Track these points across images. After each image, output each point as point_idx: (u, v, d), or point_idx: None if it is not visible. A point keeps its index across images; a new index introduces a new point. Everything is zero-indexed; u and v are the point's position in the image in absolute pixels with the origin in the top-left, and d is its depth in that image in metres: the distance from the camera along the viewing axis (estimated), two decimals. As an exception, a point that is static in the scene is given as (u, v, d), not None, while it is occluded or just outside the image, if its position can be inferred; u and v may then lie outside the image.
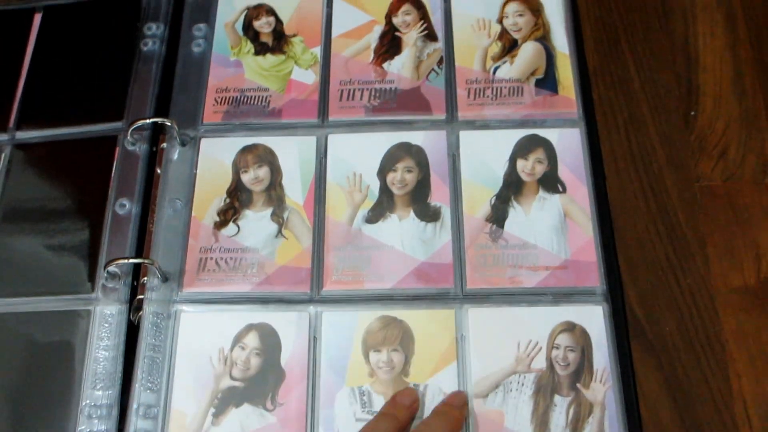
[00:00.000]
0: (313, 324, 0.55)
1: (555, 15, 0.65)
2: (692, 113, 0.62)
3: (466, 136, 0.60)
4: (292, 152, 0.60)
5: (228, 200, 0.59)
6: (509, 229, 0.57)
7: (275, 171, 0.60)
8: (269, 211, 0.58)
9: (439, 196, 0.58)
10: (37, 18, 0.68)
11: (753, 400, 0.52)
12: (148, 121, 0.61)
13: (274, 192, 0.59)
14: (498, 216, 0.57)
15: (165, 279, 0.56)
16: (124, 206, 0.59)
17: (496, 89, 0.62)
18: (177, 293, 0.56)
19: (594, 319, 0.53)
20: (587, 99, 0.62)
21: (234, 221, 0.58)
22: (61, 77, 0.66)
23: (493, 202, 0.58)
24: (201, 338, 0.55)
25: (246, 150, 0.61)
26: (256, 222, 0.58)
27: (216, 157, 0.60)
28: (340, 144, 0.61)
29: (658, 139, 0.61)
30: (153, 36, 0.67)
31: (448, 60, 0.63)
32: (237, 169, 0.60)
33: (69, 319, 0.56)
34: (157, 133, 0.63)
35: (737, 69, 0.63)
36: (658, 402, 0.52)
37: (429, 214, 0.57)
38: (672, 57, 0.64)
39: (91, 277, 0.57)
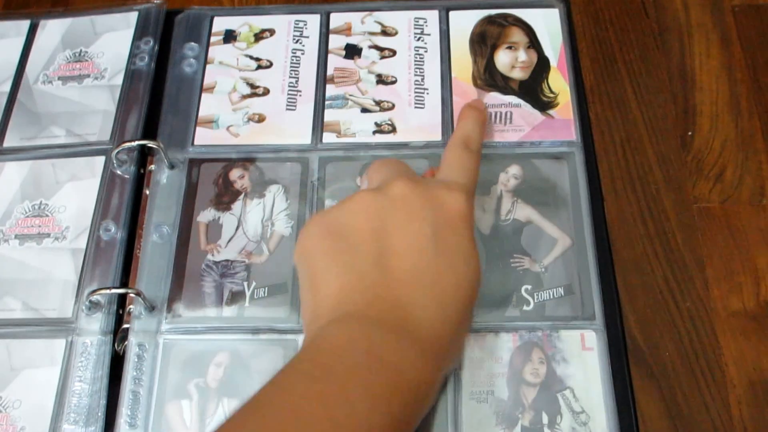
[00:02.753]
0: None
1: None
2: (689, 134, 0.59)
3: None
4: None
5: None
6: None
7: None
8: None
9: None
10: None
11: (753, 427, 0.50)
12: (134, 143, 0.58)
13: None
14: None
15: (151, 308, 0.53)
16: (108, 231, 0.56)
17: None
18: (163, 323, 0.52)
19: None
20: (584, 120, 0.59)
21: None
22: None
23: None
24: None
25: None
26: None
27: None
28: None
29: (655, 159, 0.58)
30: (142, 52, 0.63)
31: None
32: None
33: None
34: (145, 155, 0.59)
35: (733, 89, 0.60)
36: (658, 430, 0.50)
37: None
38: (668, 76, 0.61)
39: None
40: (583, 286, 0.52)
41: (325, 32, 0.64)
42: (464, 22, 0.63)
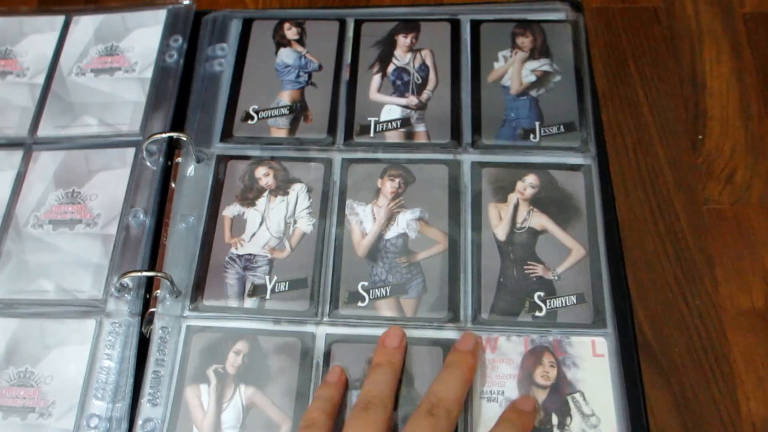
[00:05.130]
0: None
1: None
2: (700, 137, 0.60)
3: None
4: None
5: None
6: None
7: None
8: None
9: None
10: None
11: (762, 423, 0.50)
12: (164, 135, 0.59)
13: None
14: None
15: (177, 293, 0.54)
16: (137, 219, 0.57)
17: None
18: (188, 308, 0.53)
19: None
20: (597, 123, 0.59)
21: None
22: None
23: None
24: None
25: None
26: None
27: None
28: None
29: (666, 161, 0.59)
30: (171, 50, 0.64)
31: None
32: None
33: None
34: (173, 149, 0.60)
35: (743, 95, 0.61)
36: (668, 425, 0.50)
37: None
38: (679, 81, 0.62)
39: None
40: (595, 295, 0.52)
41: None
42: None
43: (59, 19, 0.67)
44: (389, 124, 0.60)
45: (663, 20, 0.65)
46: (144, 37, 0.65)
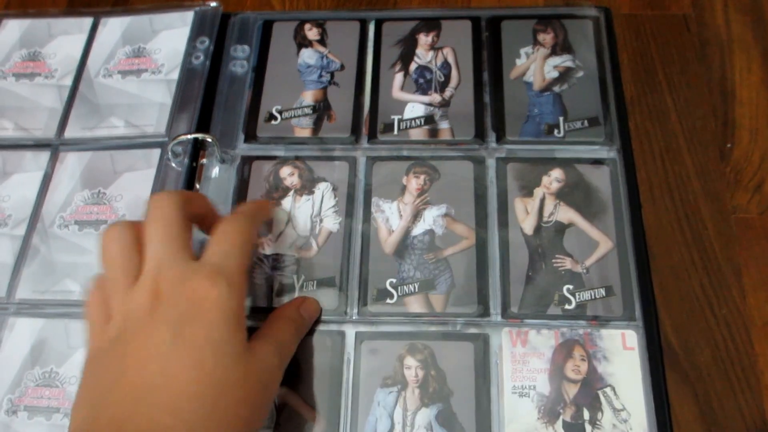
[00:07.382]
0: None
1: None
2: (728, 146, 0.59)
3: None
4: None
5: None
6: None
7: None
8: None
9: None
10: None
11: (788, 435, 0.50)
12: (189, 136, 0.59)
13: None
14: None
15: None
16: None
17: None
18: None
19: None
20: (624, 129, 0.59)
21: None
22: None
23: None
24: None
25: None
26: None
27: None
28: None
29: (694, 170, 0.58)
30: (197, 51, 0.64)
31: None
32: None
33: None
34: (198, 149, 0.60)
35: (773, 105, 0.61)
36: (693, 434, 0.50)
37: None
38: (708, 90, 0.61)
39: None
40: (624, 287, 0.52)
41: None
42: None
43: (87, 21, 0.68)
44: (413, 121, 0.60)
45: (693, 28, 0.65)
46: (171, 38, 0.65)
